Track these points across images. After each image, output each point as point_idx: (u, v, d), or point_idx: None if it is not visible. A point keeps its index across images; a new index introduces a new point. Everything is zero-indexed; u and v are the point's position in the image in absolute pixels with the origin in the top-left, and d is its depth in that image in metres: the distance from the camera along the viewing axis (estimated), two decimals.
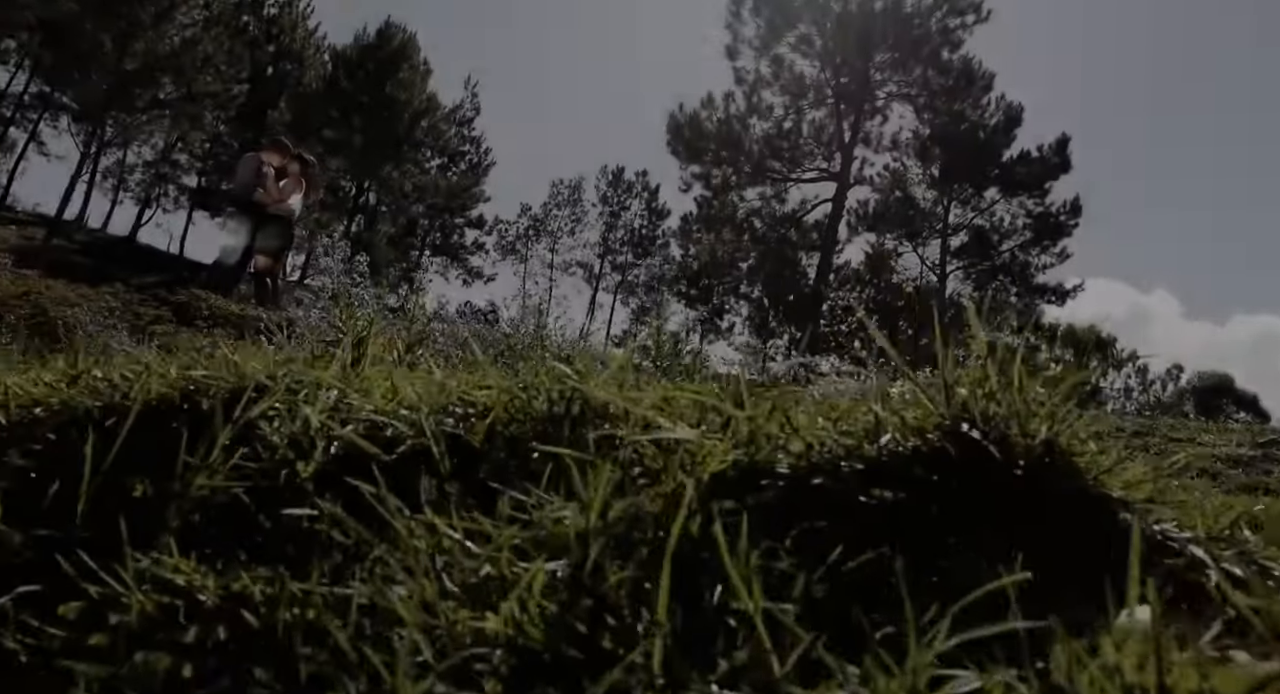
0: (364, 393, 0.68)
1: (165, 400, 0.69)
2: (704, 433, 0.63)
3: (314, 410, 0.63)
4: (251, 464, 0.61)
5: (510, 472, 0.59)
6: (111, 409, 0.69)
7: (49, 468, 0.63)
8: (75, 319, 5.75)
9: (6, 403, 0.73)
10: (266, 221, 8.58)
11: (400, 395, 0.68)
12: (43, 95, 32.11)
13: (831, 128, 26.53)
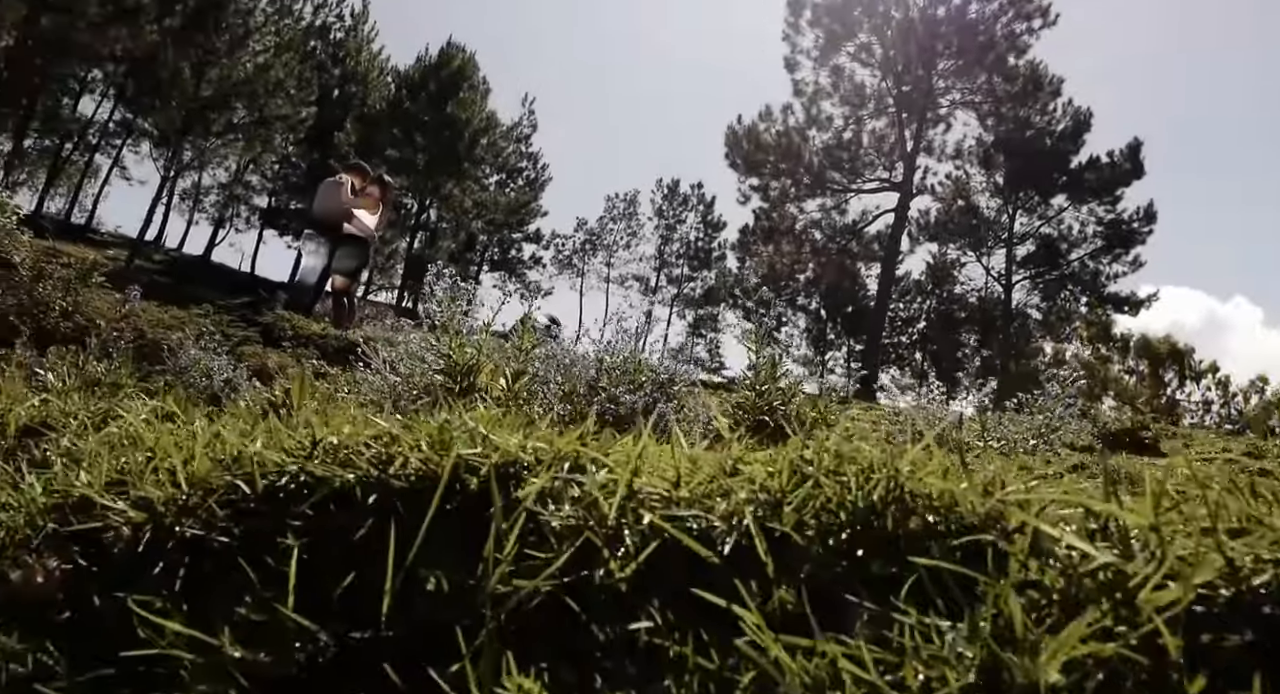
0: (635, 471, 0.64)
1: (425, 477, 0.66)
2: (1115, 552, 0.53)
3: (613, 498, 0.58)
4: (540, 554, 0.57)
5: (851, 582, 0.53)
6: (370, 485, 0.67)
7: (325, 552, 0.60)
8: (174, 342, 5.93)
9: (252, 474, 0.71)
10: (344, 243, 8.77)
11: (688, 476, 0.63)
12: (125, 122, 33.70)
13: (893, 137, 26.11)
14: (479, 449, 0.67)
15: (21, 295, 5.58)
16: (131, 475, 0.79)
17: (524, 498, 0.61)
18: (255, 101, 26.91)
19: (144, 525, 0.69)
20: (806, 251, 27.58)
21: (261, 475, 0.71)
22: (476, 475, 0.64)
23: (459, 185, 32.49)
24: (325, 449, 0.73)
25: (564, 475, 0.63)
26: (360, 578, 0.58)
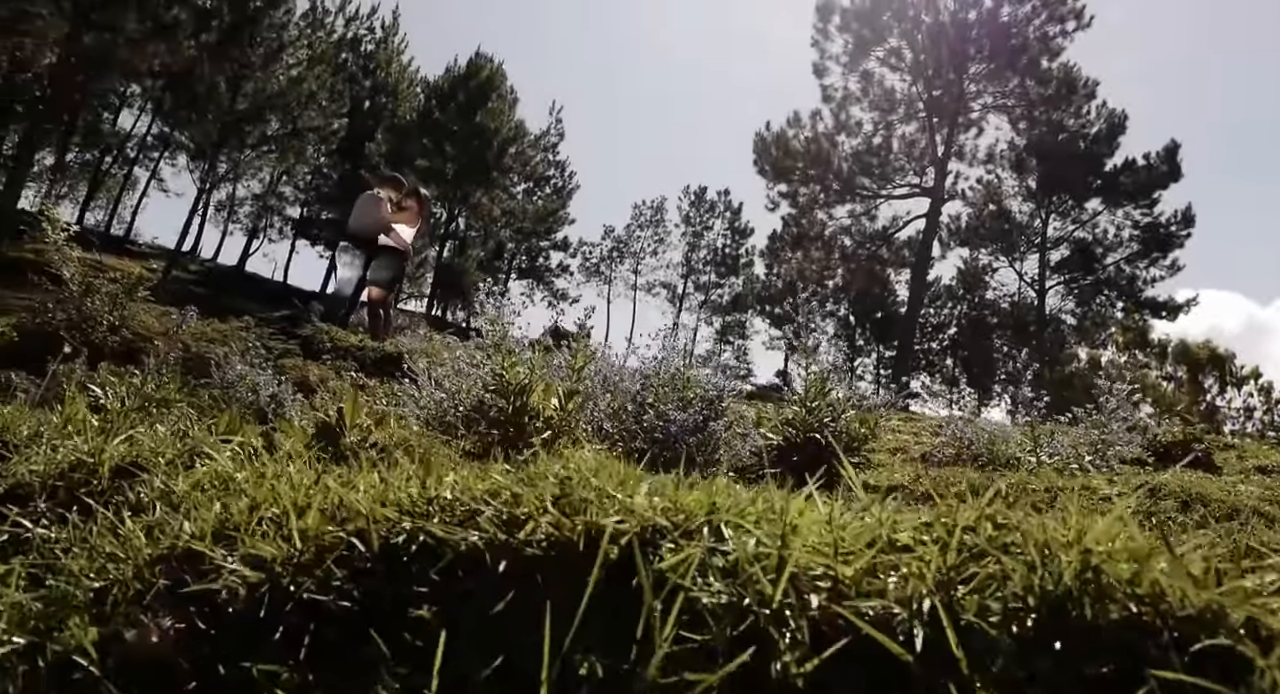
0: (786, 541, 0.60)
1: (559, 544, 0.63)
2: None
3: (772, 573, 0.55)
4: (696, 636, 0.53)
5: (1061, 683, 0.48)
6: (499, 549, 0.63)
7: (458, 624, 0.57)
8: (219, 356, 6.00)
9: (368, 532, 0.68)
10: (379, 254, 8.84)
11: (843, 546, 0.58)
12: (162, 135, 34.45)
13: (923, 142, 25.86)
14: (615, 515, 0.63)
15: (71, 310, 5.67)
16: (238, 527, 0.77)
17: (669, 570, 0.57)
18: (289, 114, 27.35)
19: (260, 586, 0.67)
20: (836, 258, 27.38)
21: (380, 534, 0.69)
22: (616, 543, 0.61)
23: (488, 194, 32.72)
24: (442, 506, 0.70)
25: (708, 544, 0.60)
26: (505, 658, 0.55)
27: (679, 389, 3.16)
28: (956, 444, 5.14)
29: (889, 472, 3.69)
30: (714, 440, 2.93)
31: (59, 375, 4.90)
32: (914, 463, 4.91)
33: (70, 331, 5.55)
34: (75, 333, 5.56)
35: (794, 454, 3.23)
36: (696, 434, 2.93)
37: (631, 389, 3.44)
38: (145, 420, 2.85)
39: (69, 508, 0.94)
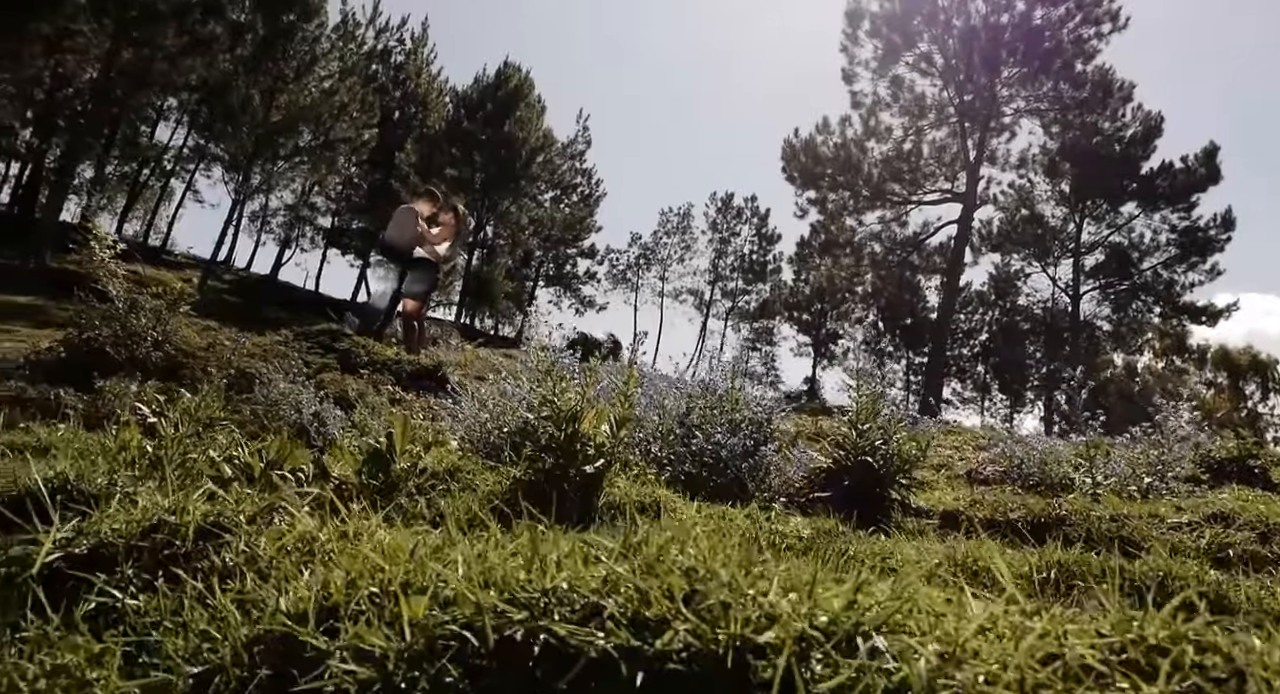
0: (952, 656, 0.54)
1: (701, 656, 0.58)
2: None
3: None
4: None
5: None
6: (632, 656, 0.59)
7: None
8: (259, 371, 6.03)
9: (480, 622, 0.64)
10: (413, 266, 8.90)
11: (1013, 662, 0.53)
12: (198, 148, 35.08)
13: (954, 147, 25.56)
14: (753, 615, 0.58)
15: (116, 327, 5.73)
16: (336, 607, 0.74)
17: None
18: (321, 125, 27.73)
19: (371, 685, 0.63)
20: (866, 265, 27.12)
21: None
22: (763, 657, 0.56)
23: (516, 202, 32.91)
24: (558, 598, 0.66)
25: (864, 660, 0.55)
26: None
27: (727, 411, 3.10)
28: (1004, 462, 5.03)
29: (939, 492, 3.61)
30: (765, 465, 2.87)
31: (105, 392, 4.96)
32: (960, 481, 4.80)
33: (116, 348, 5.61)
34: (120, 349, 5.63)
35: (845, 478, 3.16)
36: (748, 459, 2.87)
37: (676, 409, 3.39)
38: (196, 445, 2.85)
39: (154, 572, 0.92)
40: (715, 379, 3.29)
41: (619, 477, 2.50)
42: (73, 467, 1.42)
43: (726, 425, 3.07)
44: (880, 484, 3.11)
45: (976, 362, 49.27)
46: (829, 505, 3.02)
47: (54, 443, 2.96)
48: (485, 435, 3.58)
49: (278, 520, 1.07)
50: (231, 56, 25.42)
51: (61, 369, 5.49)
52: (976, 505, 3.00)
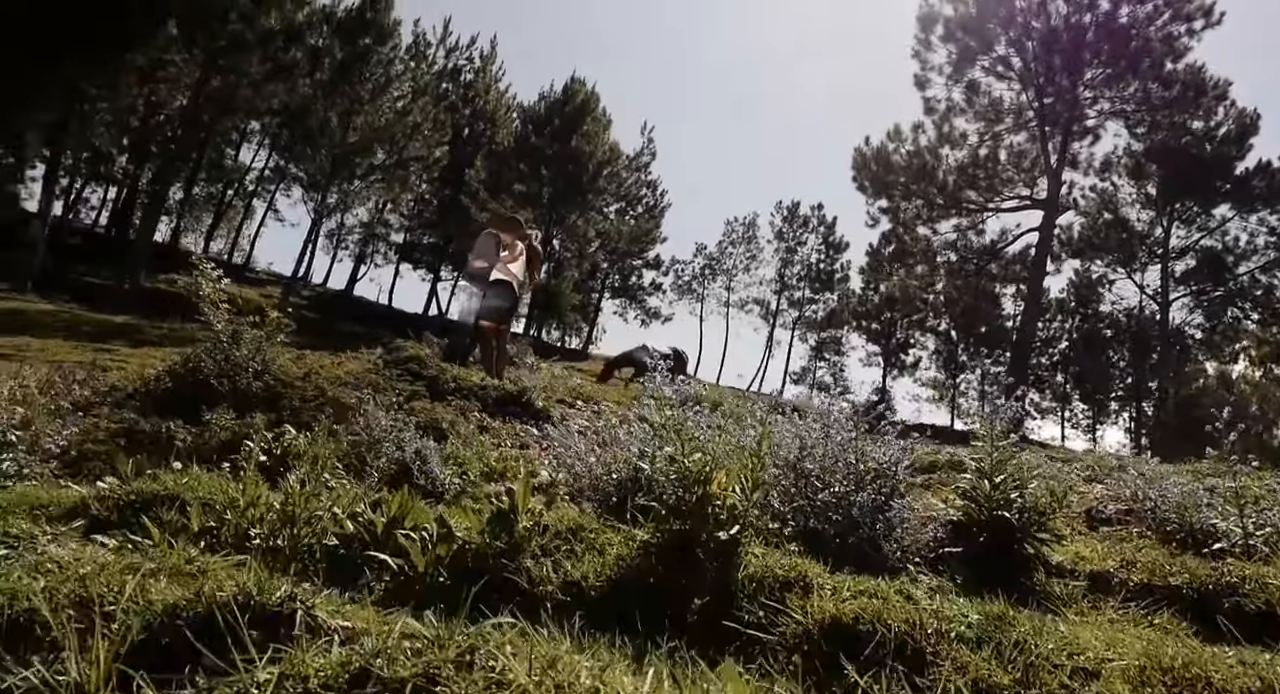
0: None
1: None
2: None
3: None
4: None
5: None
6: None
7: None
8: (353, 400, 6.11)
9: None
10: (493, 287, 8.99)
11: None
12: (279, 168, 36.50)
13: (1033, 152, 24.71)
14: None
15: (220, 359, 5.88)
16: None
17: None
18: (395, 145, 28.51)
19: None
20: (940, 274, 26.41)
21: None
22: None
23: (583, 216, 33.17)
24: None
25: None
26: None
27: (851, 461, 2.96)
28: (1126, 500, 4.73)
29: (1072, 544, 3.38)
30: (898, 522, 2.72)
31: (213, 425, 5.08)
32: (1080, 520, 4.53)
33: (219, 380, 5.76)
34: (224, 380, 5.77)
35: (978, 532, 2.98)
36: (878, 515, 2.73)
37: (789, 455, 3.26)
38: (317, 497, 2.85)
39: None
40: (833, 420, 3.15)
41: (752, 540, 2.39)
42: (252, 577, 1.38)
43: (852, 477, 2.93)
44: (1016, 540, 2.92)
45: (1055, 371, 47.59)
46: (963, 563, 2.85)
47: (183, 493, 3.00)
48: (595, 481, 3.51)
49: (478, 660, 1.00)
50: (311, 81, 26.37)
51: (170, 400, 5.65)
52: (1128, 567, 2.79)
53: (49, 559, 1.49)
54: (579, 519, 2.62)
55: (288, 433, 4.42)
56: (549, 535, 2.52)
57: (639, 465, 3.14)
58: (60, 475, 3.84)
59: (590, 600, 2.20)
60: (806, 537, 2.75)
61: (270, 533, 2.52)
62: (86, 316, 20.02)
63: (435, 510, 3.33)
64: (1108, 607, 2.51)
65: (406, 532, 2.52)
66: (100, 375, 6.41)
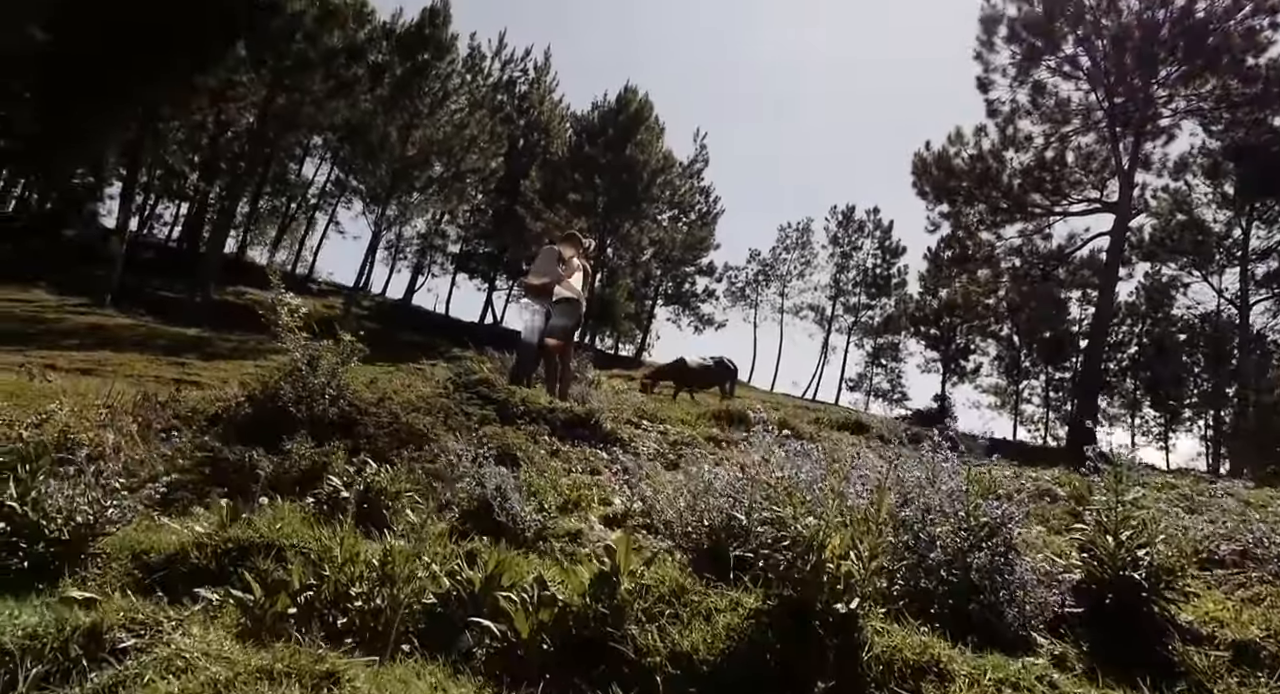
0: None
1: None
2: None
3: None
4: None
5: None
6: None
7: None
8: (426, 426, 6.10)
9: None
10: (556, 304, 8.97)
11: None
12: (340, 182, 37.39)
13: (1103, 154, 23.84)
14: None
15: (298, 387, 5.94)
16: None
17: None
18: (452, 158, 28.92)
19: None
20: (1005, 280, 25.64)
21: None
22: None
23: (637, 225, 33.17)
24: None
25: None
26: None
27: (963, 516, 2.79)
28: (1240, 539, 4.43)
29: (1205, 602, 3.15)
30: (1019, 584, 2.56)
31: (293, 454, 5.12)
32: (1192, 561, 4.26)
33: (297, 406, 5.81)
34: (301, 407, 5.82)
35: (1100, 591, 2.79)
36: (997, 576, 2.57)
37: (890, 503, 3.10)
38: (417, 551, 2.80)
39: None
40: (940, 470, 2.99)
41: (872, 611, 2.26)
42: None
43: (964, 532, 2.76)
44: (1143, 601, 2.73)
45: (1125, 376, 45.91)
46: (1086, 627, 2.67)
47: (278, 540, 3.00)
48: (684, 526, 3.40)
49: None
50: (371, 96, 26.92)
51: (250, 426, 5.72)
52: (1276, 637, 2.57)
53: (178, 654, 1.46)
54: (680, 579, 2.52)
55: (368, 467, 4.42)
56: (651, 598, 2.43)
57: (734, 515, 3.03)
58: (150, 505, 3.88)
59: (701, 676, 2.10)
60: (917, 596, 2.61)
61: (369, 591, 2.49)
62: (161, 330, 20.73)
63: (528, 560, 3.27)
64: (1260, 686, 2.31)
65: (506, 593, 2.45)
66: (181, 396, 6.51)
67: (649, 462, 7.20)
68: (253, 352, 19.53)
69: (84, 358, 16.43)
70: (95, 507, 3.01)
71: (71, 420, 5.37)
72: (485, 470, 4.36)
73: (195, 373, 16.65)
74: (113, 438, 5.28)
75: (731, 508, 3.12)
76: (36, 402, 6.44)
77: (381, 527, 3.91)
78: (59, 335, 18.24)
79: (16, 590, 2.68)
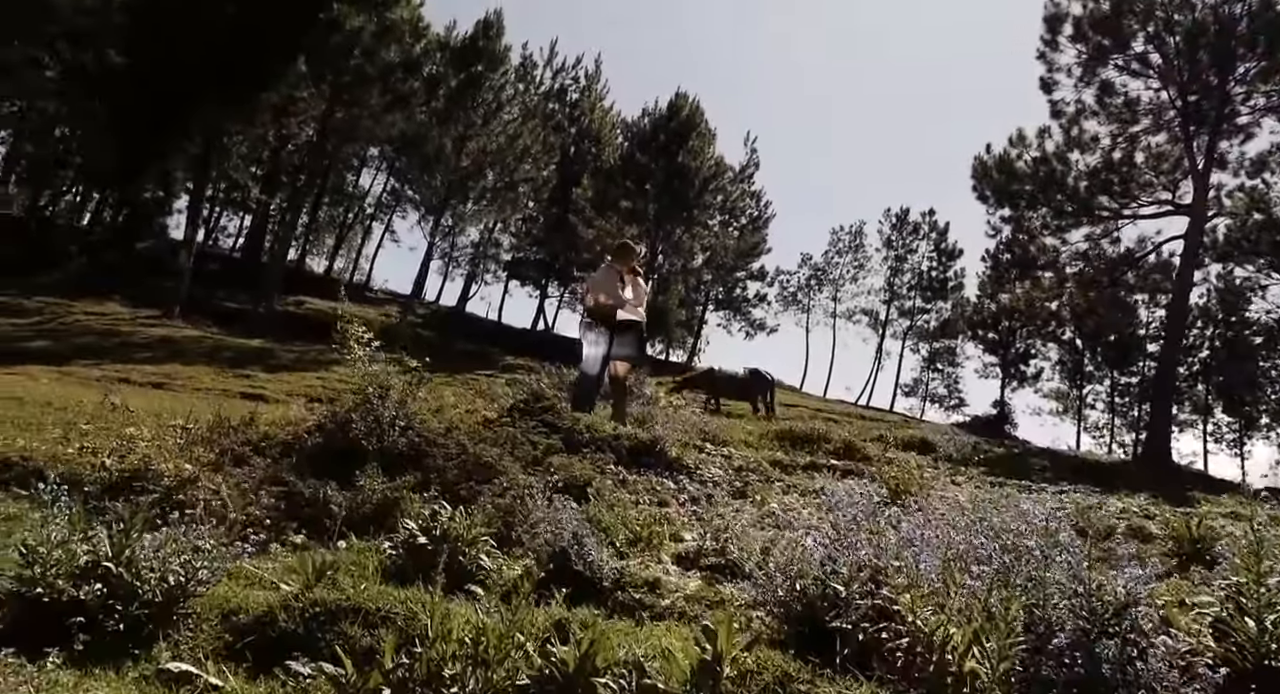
0: None
1: None
2: None
3: None
4: None
5: None
6: None
7: None
8: (494, 458, 6.07)
9: None
10: (621, 330, 8.81)
11: None
12: (395, 192, 38.05)
13: (1175, 154, 22.92)
14: None
15: (369, 419, 5.96)
16: None
17: None
18: (505, 168, 29.18)
19: None
20: (1070, 285, 24.80)
21: None
22: None
23: (688, 231, 33.02)
24: None
25: None
26: None
27: (1081, 595, 2.61)
28: None
29: None
30: (1151, 675, 2.36)
31: (365, 490, 5.11)
32: None
33: (368, 438, 5.83)
34: (372, 439, 5.84)
35: (1240, 679, 2.58)
36: (1129, 668, 2.38)
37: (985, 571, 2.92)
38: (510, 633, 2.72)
39: None
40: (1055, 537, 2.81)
41: None
42: None
43: (1085, 613, 2.57)
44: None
45: (1195, 381, 44.17)
46: None
47: (365, 605, 2.96)
48: (773, 588, 3.27)
49: None
50: (427, 109, 27.33)
51: (321, 456, 5.75)
52: None
53: None
54: (784, 664, 2.39)
55: (442, 512, 4.35)
56: (755, 688, 2.31)
57: (830, 584, 2.89)
58: (229, 542, 3.88)
59: None
60: (1037, 684, 2.44)
61: (463, 671, 2.42)
62: (227, 342, 21.32)
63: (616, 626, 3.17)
64: None
65: (603, 680, 2.35)
66: (253, 419, 6.57)
67: (715, 488, 7.09)
68: (314, 363, 19.96)
69: (155, 371, 16.98)
70: (187, 568, 3.01)
71: (151, 452, 5.46)
72: (561, 515, 4.29)
73: (260, 386, 17.06)
74: (190, 468, 5.35)
75: (829, 578, 2.98)
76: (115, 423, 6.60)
77: (462, 579, 3.87)
78: (132, 348, 18.89)
79: (115, 656, 2.69)
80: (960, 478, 8.58)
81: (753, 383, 18.33)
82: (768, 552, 4.06)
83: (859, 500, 3.54)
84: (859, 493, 3.82)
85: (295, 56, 22.80)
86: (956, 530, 3.22)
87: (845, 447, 9.20)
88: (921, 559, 2.68)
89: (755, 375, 18.44)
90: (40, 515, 3.27)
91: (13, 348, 17.10)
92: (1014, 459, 11.74)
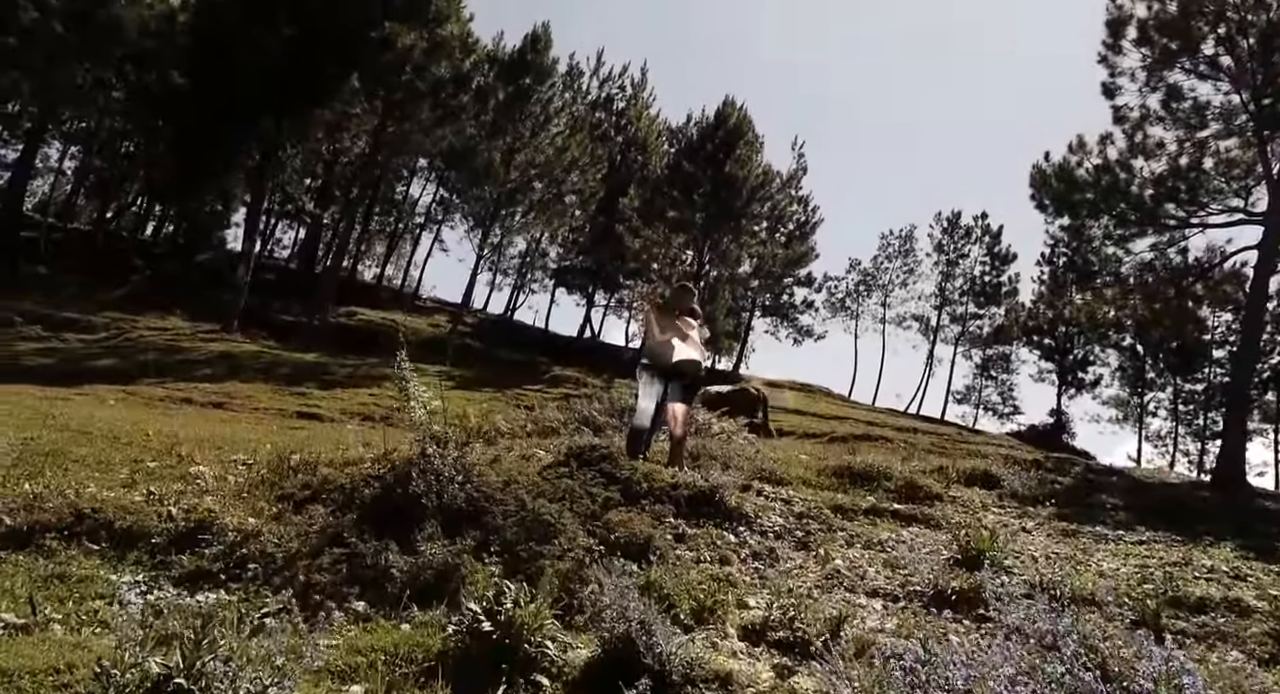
0: None
1: None
2: None
3: None
4: None
5: None
6: None
7: None
8: (553, 515, 6.01)
9: None
10: (680, 371, 8.55)
11: None
12: (444, 202, 38.51)
13: (1247, 160, 21.92)
14: None
15: (428, 475, 5.93)
16: None
17: None
18: (553, 179, 29.31)
19: None
20: (1135, 298, 23.92)
21: None
22: None
23: (735, 240, 32.73)
24: None
25: None
26: None
27: None
28: None
29: None
30: None
31: (425, 554, 5.08)
32: None
33: (427, 495, 5.81)
34: (431, 496, 5.82)
35: None
36: None
37: None
38: None
39: None
40: None
41: None
42: None
43: None
44: None
45: (1265, 389, 42.51)
46: None
47: None
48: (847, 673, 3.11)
49: None
50: (476, 122, 27.57)
51: (381, 509, 5.75)
52: None
53: None
54: None
55: (505, 595, 4.28)
56: None
57: None
58: (289, 608, 3.85)
59: None
60: None
61: None
62: (283, 356, 21.77)
63: None
64: None
65: None
66: (312, 465, 6.62)
67: (777, 540, 6.92)
68: (366, 378, 20.29)
69: (215, 390, 17.42)
70: (258, 685, 2.99)
71: (215, 502, 5.53)
72: (627, 597, 4.19)
73: (315, 404, 17.39)
74: (254, 522, 5.40)
75: None
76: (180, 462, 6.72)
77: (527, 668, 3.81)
78: (193, 365, 19.42)
79: None
80: (1030, 523, 8.29)
81: (740, 400, 18.16)
82: (838, 629, 3.95)
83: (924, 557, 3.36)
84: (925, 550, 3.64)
85: (348, 74, 23.21)
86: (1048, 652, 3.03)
87: (907, 485, 8.95)
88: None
89: (741, 393, 18.32)
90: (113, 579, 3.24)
91: (83, 367, 17.73)
92: (1082, 490, 11.32)
